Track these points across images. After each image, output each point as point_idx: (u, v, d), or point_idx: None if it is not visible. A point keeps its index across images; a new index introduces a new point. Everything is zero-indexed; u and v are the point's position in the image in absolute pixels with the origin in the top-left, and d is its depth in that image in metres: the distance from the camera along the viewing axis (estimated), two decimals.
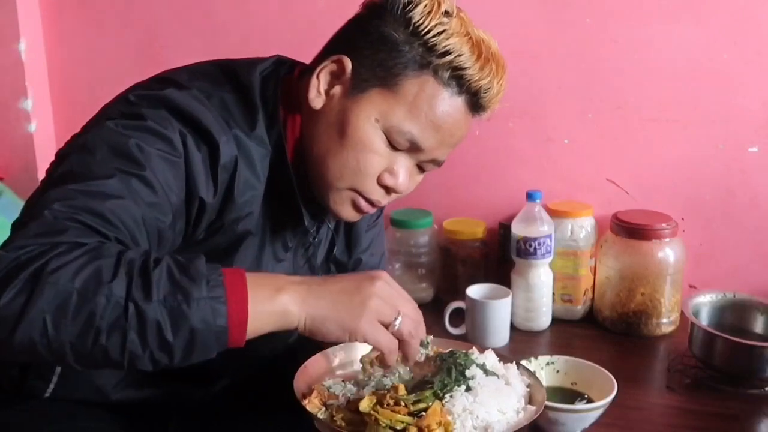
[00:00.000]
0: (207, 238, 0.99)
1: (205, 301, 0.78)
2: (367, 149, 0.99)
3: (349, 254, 1.26)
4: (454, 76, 0.98)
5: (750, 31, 1.55)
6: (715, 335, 1.32)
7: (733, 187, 1.63)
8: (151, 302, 0.76)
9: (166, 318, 0.77)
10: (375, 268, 1.33)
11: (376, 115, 0.98)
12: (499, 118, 1.71)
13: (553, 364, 1.24)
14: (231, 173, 0.96)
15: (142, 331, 0.76)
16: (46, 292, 0.75)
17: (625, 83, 1.63)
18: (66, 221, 0.80)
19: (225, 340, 0.80)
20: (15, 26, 1.86)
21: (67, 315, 0.75)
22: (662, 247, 1.54)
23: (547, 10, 1.64)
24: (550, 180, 1.70)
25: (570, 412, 1.13)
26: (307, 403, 0.94)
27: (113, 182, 0.85)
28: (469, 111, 1.02)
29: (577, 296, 1.63)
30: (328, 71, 1.01)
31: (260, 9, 1.80)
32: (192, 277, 0.79)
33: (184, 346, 0.78)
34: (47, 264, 0.76)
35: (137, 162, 0.87)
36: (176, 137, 0.91)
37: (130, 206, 0.85)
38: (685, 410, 1.28)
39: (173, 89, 0.95)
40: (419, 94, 0.98)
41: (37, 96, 1.95)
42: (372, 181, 1.01)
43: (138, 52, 1.90)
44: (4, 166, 1.95)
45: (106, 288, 0.76)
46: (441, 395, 0.93)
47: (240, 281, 0.82)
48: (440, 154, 1.04)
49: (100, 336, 0.76)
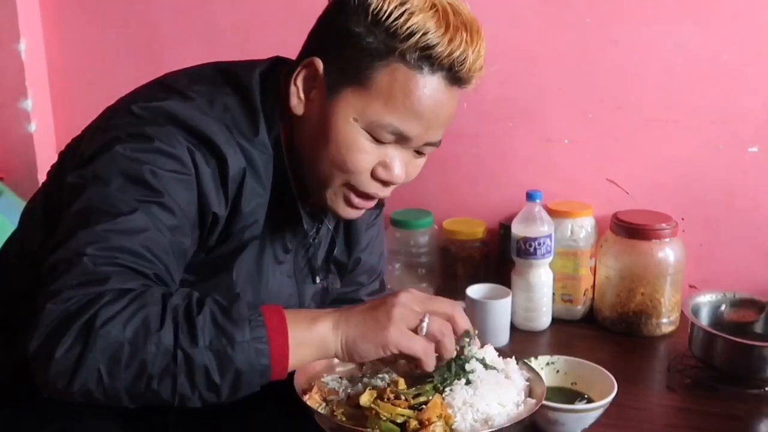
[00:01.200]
0: (215, 247, 1.00)
1: (249, 344, 0.82)
2: (352, 149, 0.97)
3: (348, 254, 1.26)
4: (423, 57, 0.94)
5: (750, 31, 1.55)
6: (715, 335, 1.32)
7: (733, 187, 1.63)
8: (198, 348, 0.80)
9: (213, 362, 0.81)
10: (374, 267, 1.33)
11: (353, 115, 0.96)
12: (499, 118, 1.71)
13: (553, 364, 1.24)
14: (239, 184, 0.96)
15: (190, 375, 0.80)
16: (99, 344, 0.78)
17: (625, 83, 1.63)
18: (106, 267, 0.82)
19: (268, 376, 0.84)
20: (15, 26, 1.87)
21: (120, 364, 0.79)
22: (662, 247, 1.54)
23: (547, 10, 1.64)
24: (550, 180, 1.69)
25: (570, 412, 1.13)
26: (308, 399, 0.95)
27: (138, 216, 0.86)
28: (449, 86, 0.98)
29: (577, 296, 1.63)
30: (303, 76, 1.00)
31: (260, 9, 1.80)
32: (234, 320, 0.82)
33: (231, 386, 0.83)
34: (97, 316, 0.78)
35: (154, 189, 0.88)
36: (185, 155, 0.91)
37: (158, 237, 0.87)
38: (685, 410, 1.28)
39: (176, 100, 0.95)
40: (392, 83, 0.95)
41: (37, 96, 1.95)
42: (365, 177, 1.00)
43: (138, 53, 1.90)
44: (4, 166, 1.95)
45: (155, 337, 0.79)
46: (441, 389, 0.94)
47: (280, 319, 0.85)
48: (432, 136, 1.01)
49: (152, 382, 0.80)
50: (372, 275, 1.33)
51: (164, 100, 0.95)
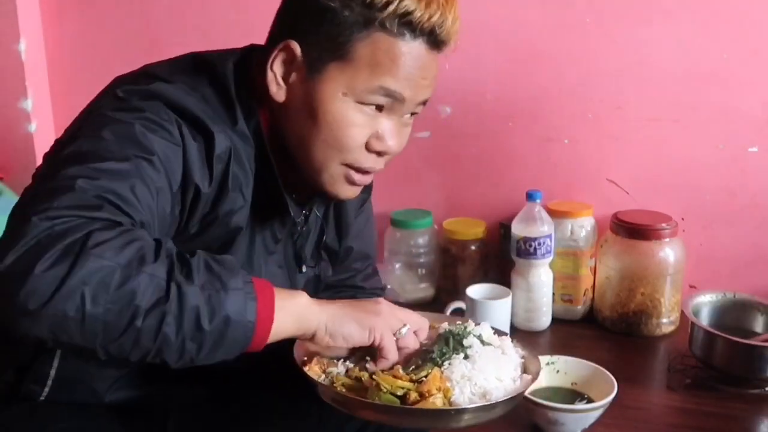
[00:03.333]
0: (201, 232, 0.98)
1: (240, 293, 0.80)
2: (345, 125, 0.97)
3: (339, 240, 1.26)
4: (403, 23, 0.94)
5: (750, 31, 1.55)
6: (716, 335, 1.32)
7: (733, 187, 1.63)
8: (193, 285, 0.77)
9: (204, 304, 0.77)
10: (367, 253, 1.33)
11: (341, 89, 0.96)
12: (499, 118, 1.71)
13: (553, 364, 1.24)
14: (225, 164, 0.96)
15: (180, 314, 0.76)
16: (89, 265, 0.72)
17: (625, 83, 1.63)
18: (97, 198, 0.80)
19: (251, 336, 0.82)
20: (15, 26, 1.87)
21: (108, 290, 0.73)
22: (662, 247, 1.54)
23: (547, 10, 1.64)
24: (550, 180, 1.69)
25: (570, 412, 1.13)
26: (308, 370, 0.95)
27: (129, 165, 0.85)
28: (431, 50, 0.98)
29: (577, 296, 1.63)
30: (280, 61, 0.99)
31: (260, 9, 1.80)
32: (228, 268, 0.82)
33: (215, 337, 0.79)
34: (89, 237, 0.74)
35: (145, 147, 0.87)
36: (173, 127, 0.91)
37: (144, 190, 0.85)
38: (685, 410, 1.28)
39: (161, 83, 0.95)
40: (375, 52, 0.95)
41: (37, 96, 1.95)
42: (360, 152, 0.99)
43: (138, 52, 1.89)
44: (4, 166, 1.95)
45: (149, 267, 0.76)
46: (440, 363, 0.95)
47: (266, 284, 0.85)
48: (422, 95, 1.01)
49: (138, 316, 0.74)
50: (366, 261, 1.33)
51: (148, 84, 0.95)
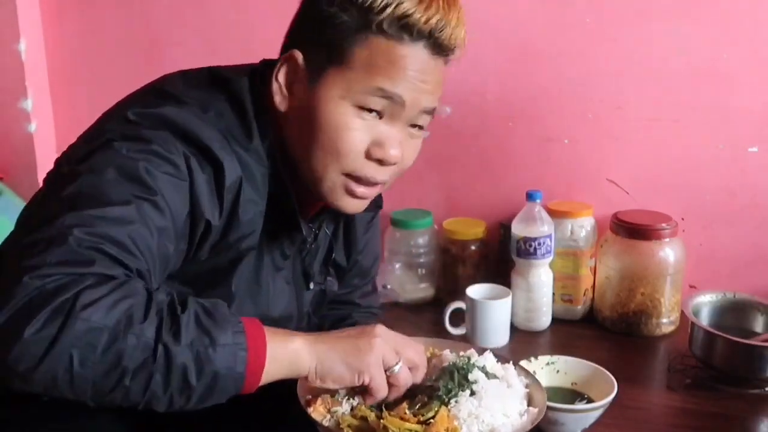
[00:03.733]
0: (210, 258, 0.98)
1: (230, 348, 0.80)
2: (342, 128, 0.95)
3: (347, 256, 1.26)
4: (402, 26, 0.92)
5: (750, 31, 1.55)
6: (716, 335, 1.32)
7: (733, 187, 1.63)
8: (180, 345, 0.77)
9: (191, 362, 0.78)
10: (368, 270, 1.33)
11: (339, 93, 0.95)
12: (499, 118, 1.71)
13: (553, 364, 1.24)
14: (236, 193, 0.95)
15: (167, 373, 0.77)
16: (77, 328, 0.73)
17: (625, 83, 1.63)
18: (91, 251, 0.79)
19: (241, 385, 0.82)
20: (15, 26, 1.87)
21: (96, 352, 0.74)
22: (662, 247, 1.54)
23: (547, 10, 1.64)
24: (550, 180, 1.69)
25: (570, 412, 1.13)
26: (312, 411, 0.94)
27: (129, 209, 0.84)
28: (433, 55, 0.96)
29: (577, 296, 1.63)
30: (285, 71, 0.99)
31: (260, 9, 1.80)
32: (218, 322, 0.81)
33: (204, 390, 0.80)
34: (78, 297, 0.74)
35: (148, 186, 0.86)
36: (181, 160, 0.90)
37: (145, 234, 0.85)
38: (685, 410, 1.28)
39: (172, 106, 0.94)
40: (372, 55, 0.94)
41: (37, 96, 1.95)
42: (359, 158, 0.97)
43: (138, 52, 1.90)
44: (4, 166, 1.95)
45: (137, 328, 0.76)
46: (446, 400, 0.94)
47: (259, 330, 0.84)
48: (425, 101, 0.98)
49: (126, 376, 0.76)
50: (365, 277, 1.33)
51: (159, 106, 0.93)
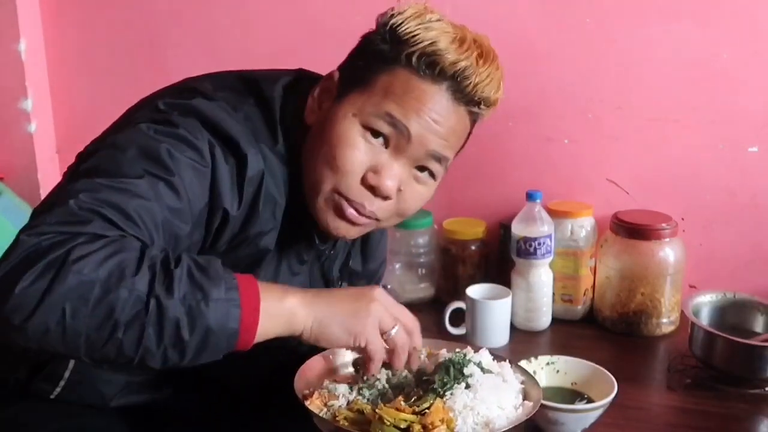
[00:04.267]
0: (229, 251, 0.98)
1: (222, 303, 0.80)
2: (344, 144, 0.96)
3: (363, 262, 1.27)
4: (428, 63, 0.94)
5: (750, 31, 1.55)
6: (716, 335, 1.32)
7: (733, 187, 1.63)
8: (173, 299, 0.78)
9: (184, 316, 0.78)
10: (374, 272, 1.34)
11: (353, 111, 0.96)
12: (499, 118, 1.70)
13: (553, 364, 1.24)
14: (257, 187, 0.96)
15: (160, 327, 0.77)
16: (69, 280, 0.75)
17: (625, 83, 1.63)
18: (89, 213, 0.81)
19: (234, 342, 0.82)
20: (15, 26, 1.86)
21: (88, 305, 0.75)
22: (662, 247, 1.54)
23: (547, 10, 1.64)
24: (550, 180, 1.69)
25: (570, 412, 1.13)
26: (309, 404, 0.94)
27: (141, 182, 0.85)
28: (454, 100, 0.96)
29: (577, 296, 1.63)
30: (321, 88, 1.01)
31: (260, 9, 1.80)
32: (211, 277, 0.81)
33: (197, 345, 0.80)
34: (70, 252, 0.76)
35: (166, 167, 0.88)
36: (205, 147, 0.91)
37: (153, 208, 0.86)
38: (685, 410, 1.28)
39: (202, 99, 0.96)
40: (393, 82, 0.95)
41: (37, 96, 1.94)
42: (353, 180, 0.97)
43: (138, 53, 1.90)
44: (4, 166, 1.95)
45: (129, 281, 0.77)
46: (442, 393, 0.94)
47: (253, 287, 0.84)
48: (433, 143, 0.97)
49: (118, 329, 0.76)
50: (370, 280, 1.34)
51: (190, 99, 0.96)
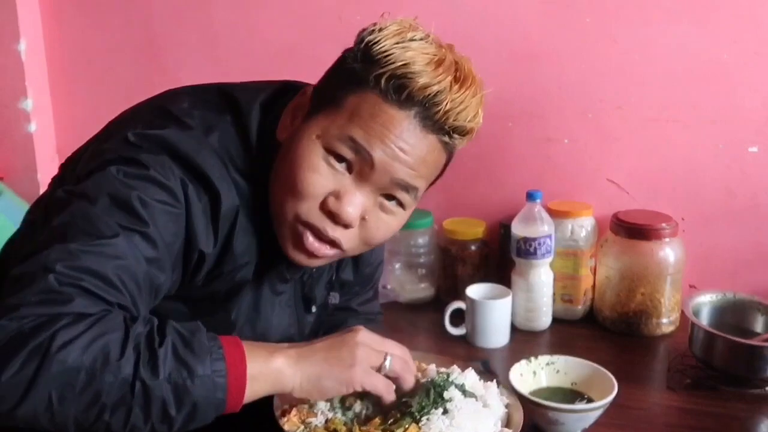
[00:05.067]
0: (206, 285, 0.98)
1: (208, 377, 0.81)
2: (305, 167, 0.91)
3: (355, 273, 1.25)
4: (396, 86, 0.88)
5: (750, 31, 1.55)
6: (716, 335, 1.32)
7: (733, 187, 1.63)
8: (158, 379, 0.78)
9: (170, 394, 0.79)
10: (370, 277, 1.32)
11: (317, 132, 0.91)
12: (499, 118, 1.71)
13: (553, 364, 1.24)
14: (231, 223, 0.94)
15: (146, 407, 0.78)
16: (53, 368, 0.75)
17: (625, 83, 1.63)
18: (70, 288, 0.79)
19: (222, 409, 0.83)
20: (15, 26, 1.86)
21: (74, 391, 0.76)
22: (662, 247, 1.54)
23: (547, 10, 1.64)
24: (550, 180, 1.69)
25: (570, 412, 1.13)
26: (287, 421, 0.95)
27: (117, 242, 0.84)
28: (423, 127, 0.90)
29: (577, 296, 1.63)
30: (294, 104, 0.98)
31: (260, 9, 1.80)
32: (196, 352, 0.81)
33: (185, 419, 0.81)
34: (54, 337, 0.76)
35: (140, 217, 0.86)
36: (178, 187, 0.89)
37: (132, 267, 0.85)
38: (685, 410, 1.28)
39: (174, 129, 0.92)
40: (360, 104, 0.90)
41: (37, 96, 1.94)
42: (313, 205, 0.92)
43: (138, 52, 1.90)
44: (4, 166, 1.95)
45: (114, 366, 0.77)
46: (418, 418, 0.94)
47: (239, 352, 0.84)
48: (399, 172, 0.91)
49: (105, 412, 0.77)
50: (366, 285, 1.33)
51: (162, 128, 0.92)
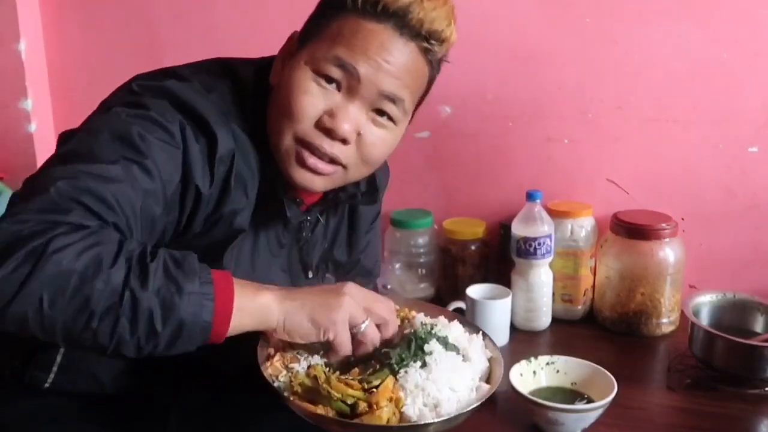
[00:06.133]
0: (205, 232, 1.00)
1: (196, 296, 0.82)
2: (298, 92, 0.98)
3: (348, 253, 1.27)
4: (372, 3, 0.95)
5: (750, 31, 1.55)
6: (716, 335, 1.32)
7: (733, 187, 1.63)
8: (147, 291, 0.80)
9: (158, 307, 0.80)
10: (370, 270, 1.34)
11: (305, 59, 0.99)
12: (499, 118, 1.71)
13: (553, 364, 1.24)
14: (228, 166, 0.98)
15: (134, 318, 0.79)
16: (47, 269, 0.77)
17: (625, 83, 1.63)
18: (70, 201, 0.82)
19: (208, 334, 0.84)
20: (15, 26, 1.87)
21: (65, 294, 0.77)
22: (662, 247, 1.54)
23: (547, 10, 1.64)
24: (550, 180, 1.69)
25: (570, 412, 1.13)
26: (269, 366, 0.95)
27: (116, 168, 0.87)
28: (401, 36, 0.97)
29: (577, 296, 1.63)
30: (284, 49, 1.05)
31: (260, 9, 1.80)
32: (186, 272, 0.83)
33: (170, 336, 0.82)
34: (50, 242, 0.78)
35: (139, 150, 0.90)
36: (176, 128, 0.93)
37: (129, 192, 0.88)
38: (685, 410, 1.28)
39: (175, 80, 0.98)
40: (341, 27, 0.98)
41: (37, 96, 1.95)
42: (308, 124, 0.98)
43: (138, 52, 1.90)
44: (4, 166, 1.95)
45: (105, 273, 0.78)
46: (396, 370, 0.94)
47: (227, 282, 0.86)
48: (383, 82, 0.98)
49: (93, 319, 0.78)
50: (367, 277, 1.35)
51: (163, 80, 0.98)
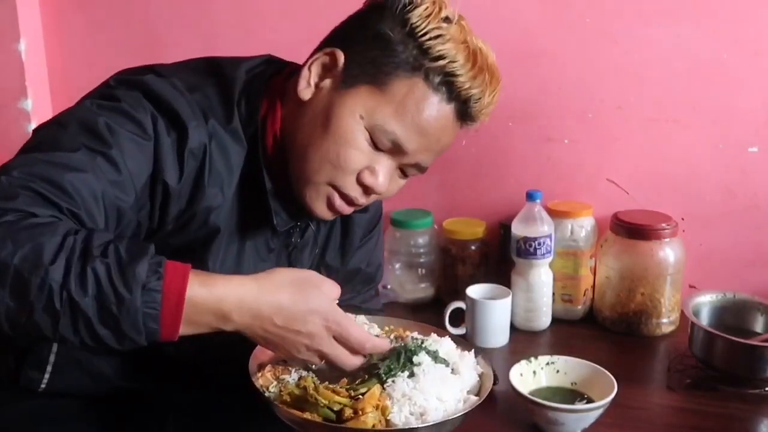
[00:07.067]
0: (179, 229, 0.98)
1: (137, 310, 0.78)
2: (349, 144, 0.98)
3: (341, 259, 1.26)
4: (445, 82, 0.98)
5: (750, 31, 1.55)
6: (716, 335, 1.32)
7: (733, 187, 1.63)
8: (86, 297, 0.77)
9: (96, 314, 0.77)
10: (372, 277, 1.34)
11: (361, 112, 0.98)
12: (499, 118, 1.71)
13: (553, 364, 1.24)
14: (200, 160, 0.96)
15: (73, 319, 0.77)
16: None
17: (625, 83, 1.63)
18: (18, 188, 0.81)
19: (156, 337, 0.81)
20: (15, 26, 1.86)
21: (4, 286, 0.76)
22: (662, 247, 1.54)
23: (547, 10, 1.64)
24: (550, 180, 1.69)
25: (570, 412, 1.13)
26: (260, 377, 0.96)
27: (77, 156, 0.86)
28: (457, 119, 1.02)
29: (577, 296, 1.63)
30: (320, 63, 1.01)
31: (260, 9, 1.80)
32: (128, 281, 0.78)
33: (113, 338, 0.80)
34: None
35: (105, 140, 0.89)
36: (147, 120, 0.93)
37: (90, 180, 0.86)
38: (685, 410, 1.28)
39: (152, 75, 0.98)
40: (408, 95, 0.97)
41: (37, 96, 1.95)
42: (350, 178, 1.00)
43: (138, 52, 1.90)
44: None
45: (42, 270, 0.76)
46: (384, 379, 0.95)
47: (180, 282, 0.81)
48: (424, 158, 1.03)
49: (34, 313, 0.77)
50: (369, 284, 1.34)
51: (142, 75, 0.98)
